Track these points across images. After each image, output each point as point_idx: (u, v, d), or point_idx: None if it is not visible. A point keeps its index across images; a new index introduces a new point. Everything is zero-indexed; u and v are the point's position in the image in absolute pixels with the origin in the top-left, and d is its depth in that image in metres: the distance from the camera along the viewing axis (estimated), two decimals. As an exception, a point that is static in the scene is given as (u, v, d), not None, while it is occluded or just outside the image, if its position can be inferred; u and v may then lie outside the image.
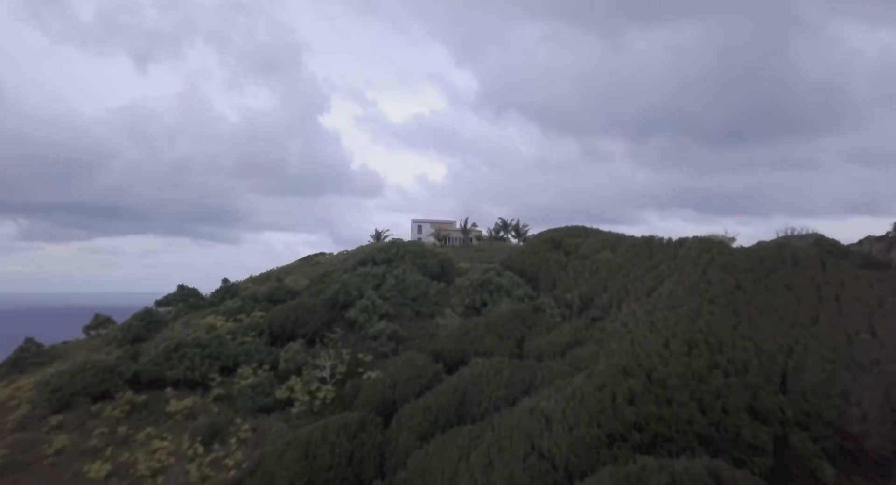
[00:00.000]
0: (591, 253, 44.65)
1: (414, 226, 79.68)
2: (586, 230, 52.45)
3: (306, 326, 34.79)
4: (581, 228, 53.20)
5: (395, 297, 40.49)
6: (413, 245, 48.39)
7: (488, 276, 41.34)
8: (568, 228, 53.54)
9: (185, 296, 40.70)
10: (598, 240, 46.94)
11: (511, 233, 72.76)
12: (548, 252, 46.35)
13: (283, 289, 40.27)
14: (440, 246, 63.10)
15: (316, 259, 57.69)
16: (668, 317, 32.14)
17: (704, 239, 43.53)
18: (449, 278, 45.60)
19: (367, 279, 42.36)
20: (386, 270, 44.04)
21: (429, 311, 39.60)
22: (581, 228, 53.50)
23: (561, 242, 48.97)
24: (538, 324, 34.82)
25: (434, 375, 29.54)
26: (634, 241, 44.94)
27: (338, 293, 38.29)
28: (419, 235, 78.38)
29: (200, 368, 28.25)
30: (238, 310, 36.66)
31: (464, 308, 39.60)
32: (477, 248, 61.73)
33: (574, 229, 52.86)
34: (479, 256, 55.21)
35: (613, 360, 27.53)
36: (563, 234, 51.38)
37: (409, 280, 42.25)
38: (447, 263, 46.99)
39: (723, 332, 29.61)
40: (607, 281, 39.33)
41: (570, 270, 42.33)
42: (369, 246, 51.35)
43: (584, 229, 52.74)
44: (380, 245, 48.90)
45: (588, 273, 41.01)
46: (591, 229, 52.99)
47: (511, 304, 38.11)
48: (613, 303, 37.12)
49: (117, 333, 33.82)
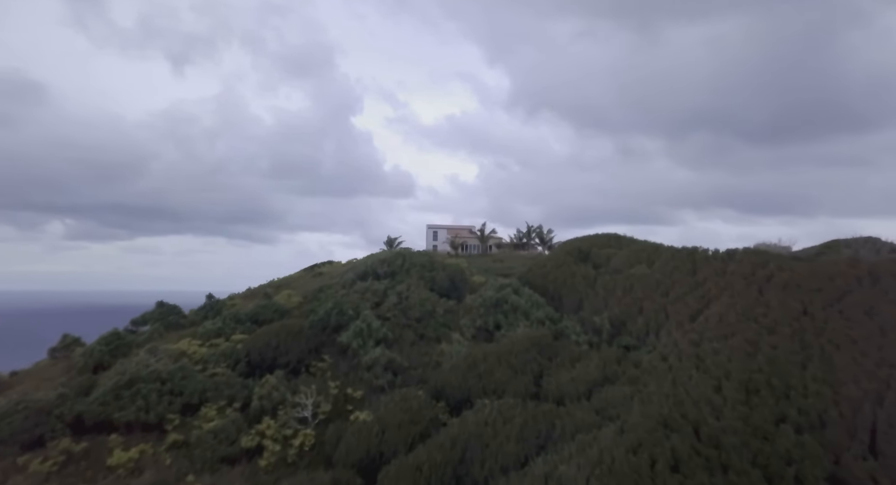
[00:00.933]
0: (624, 267, 39.58)
1: (429, 232, 75.43)
2: (618, 239, 47.32)
3: (290, 353, 30.78)
4: (612, 236, 48.10)
5: (397, 317, 36.23)
6: (420, 256, 44.08)
7: (503, 293, 36.72)
8: (598, 237, 48.49)
9: (164, 314, 37.26)
10: (633, 251, 41.80)
11: (535, 240, 67.88)
12: (574, 265, 41.46)
13: (270, 307, 36.43)
14: (455, 255, 58.71)
15: (319, 269, 53.91)
16: (718, 350, 27.03)
17: (758, 251, 38.05)
18: (460, 294, 41.14)
19: (365, 297, 38.21)
20: (388, 286, 39.83)
21: (434, 334, 35.20)
22: (612, 235, 48.39)
23: (589, 252, 44.02)
24: (560, 354, 30.06)
25: (432, 419, 25.17)
26: (674, 252, 39.71)
27: (330, 314, 34.23)
28: (435, 242, 74.11)
29: (157, 407, 24.47)
30: (216, 332, 32.94)
31: (475, 331, 35.06)
32: (496, 257, 57.13)
33: (604, 238, 47.79)
34: (497, 268, 50.58)
35: (651, 408, 22.64)
36: (592, 243, 46.37)
37: (414, 297, 37.93)
38: (458, 276, 42.52)
39: (790, 372, 24.37)
40: (643, 301, 34.27)
41: (600, 287, 37.35)
42: (372, 257, 47.27)
43: (615, 238, 47.62)
44: (384, 256, 44.76)
45: (620, 291, 35.99)
46: (623, 238, 47.84)
47: (529, 328, 33.43)
48: (650, 328, 32.09)
49: (79, 360, 30.45)
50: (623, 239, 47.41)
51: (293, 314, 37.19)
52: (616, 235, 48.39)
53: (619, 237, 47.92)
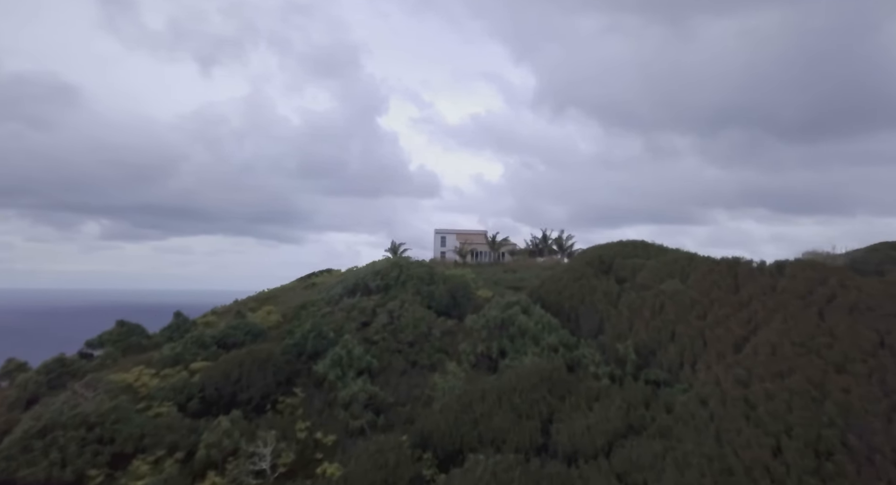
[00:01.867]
0: (653, 281, 34.54)
1: (437, 237, 70.96)
2: (646, 246, 42.18)
3: (254, 386, 26.61)
4: (639, 244, 42.97)
5: (387, 340, 31.85)
6: (419, 267, 39.64)
7: (510, 313, 32.05)
8: (622, 244, 43.41)
9: (123, 335, 33.46)
10: (663, 262, 36.69)
11: (553, 246, 62.87)
12: (594, 278, 36.53)
13: (241, 328, 32.35)
14: (462, 264, 54.21)
15: (313, 280, 49.80)
16: (772, 393, 22.03)
17: (813, 264, 32.68)
18: (462, 312, 36.59)
19: (351, 316, 33.91)
20: (379, 302, 35.46)
21: (428, 361, 30.74)
22: (639, 243, 43.26)
23: (612, 263, 39.02)
24: (575, 391, 25.30)
25: (413, 479, 20.64)
26: (713, 265, 34.54)
27: (306, 337, 30.00)
28: (443, 249, 69.61)
29: (77, 460, 20.51)
30: (174, 359, 28.94)
31: (475, 358, 30.47)
32: (507, 266, 52.44)
33: (630, 245, 42.69)
34: (508, 280, 45.88)
35: (689, 477, 17.78)
36: (616, 251, 41.33)
37: (408, 317, 33.51)
38: (461, 291, 37.95)
39: (871, 426, 19.27)
40: (676, 325, 29.27)
41: (624, 306, 32.41)
42: (364, 268, 42.98)
43: (642, 245, 42.49)
44: (378, 267, 40.41)
45: (648, 312, 31.01)
46: (652, 245, 42.68)
47: (539, 356, 28.76)
48: (685, 359, 27.10)
49: (10, 393, 26.73)
50: (651, 247, 42.26)
51: (269, 336, 33.05)
52: (643, 243, 43.25)
53: (647, 245, 42.77)
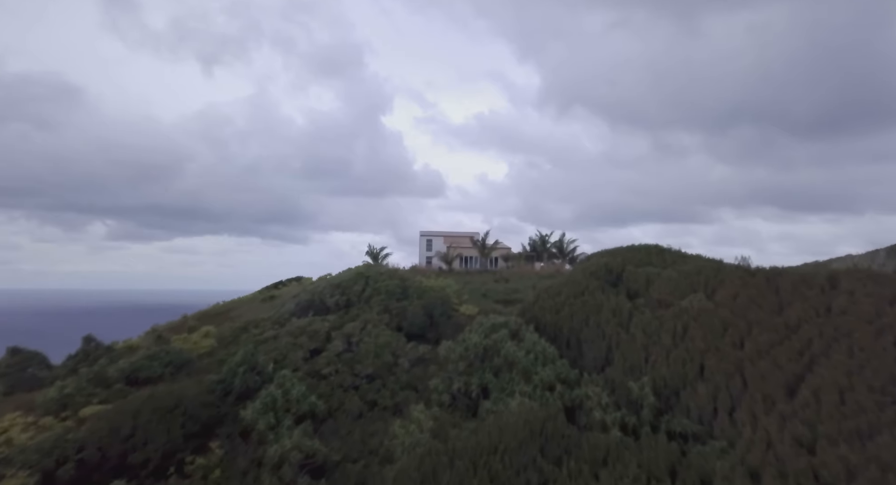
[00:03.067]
0: (673, 296, 28.58)
1: (422, 240, 64.95)
2: (661, 252, 36.22)
3: (153, 442, 20.72)
4: (653, 249, 37.02)
5: (340, 374, 25.96)
6: (389, 279, 33.65)
7: (496, 339, 26.13)
8: (632, 250, 37.47)
9: (14, 366, 27.53)
10: (683, 272, 30.72)
11: (551, 250, 56.80)
12: (599, 292, 30.58)
13: (161, 359, 26.45)
14: (447, 271, 48.28)
15: (272, 292, 43.82)
16: (853, 465, 16.12)
17: (876, 275, 26.71)
18: (440, 333, 30.70)
19: (298, 342, 28.01)
20: (336, 324, 29.55)
21: (391, 401, 24.86)
22: (653, 248, 37.31)
23: (622, 272, 33.06)
24: (576, 451, 19.32)
25: None
26: (746, 275, 28.60)
27: (234, 372, 24.07)
28: (429, 254, 63.63)
29: None
30: (62, 403, 23.07)
31: (449, 398, 24.54)
32: (499, 274, 46.48)
33: (642, 251, 36.73)
34: (498, 291, 39.92)
35: None
36: (626, 258, 35.38)
37: (369, 343, 27.60)
38: (439, 307, 32.02)
39: None
40: (705, 355, 23.32)
41: (638, 329, 26.45)
42: (322, 281, 37.02)
43: (657, 251, 36.52)
44: (339, 279, 34.45)
45: (669, 337, 25.05)
46: (668, 251, 36.74)
47: (530, 396, 22.81)
48: (719, 403, 21.14)
49: None
50: (667, 253, 36.27)
51: (196, 367, 27.14)
52: (657, 248, 37.26)
53: (662, 250, 36.79)
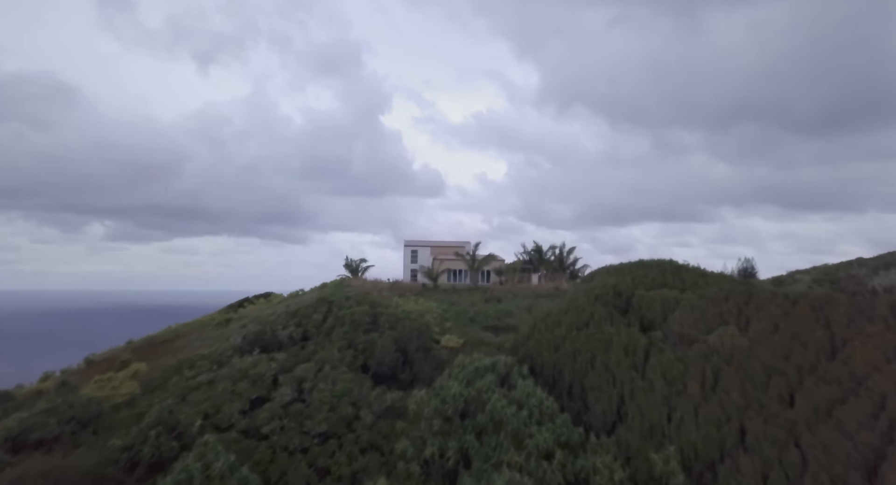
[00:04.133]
0: (696, 329, 23.70)
1: (407, 251, 59.91)
2: (677, 271, 31.30)
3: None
4: (667, 267, 32.11)
5: (286, 433, 20.99)
6: (356, 305, 28.63)
7: (481, 387, 21.19)
8: (643, 267, 32.59)
9: None
10: (707, 298, 25.81)
11: (549, 260, 51.75)
12: (607, 323, 25.68)
13: (59, 414, 21.37)
14: (431, 287, 43.30)
15: (228, 315, 38.70)
16: None
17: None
18: (413, 373, 25.77)
19: (237, 389, 23.00)
20: (286, 364, 24.60)
21: (348, 469, 19.93)
22: (667, 265, 32.40)
23: (632, 297, 28.17)
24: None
25: None
26: (785, 304, 23.69)
27: (146, 435, 19.05)
28: (413, 266, 58.61)
29: None
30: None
31: (420, 467, 19.57)
32: (491, 292, 41.48)
33: (655, 269, 31.83)
34: (488, 314, 34.93)
35: None
36: (637, 278, 30.49)
37: (325, 390, 22.69)
38: (415, 340, 27.08)
39: None
40: (745, 413, 18.44)
41: (656, 372, 21.56)
42: (283, 304, 31.99)
43: (672, 269, 31.61)
44: (299, 303, 29.40)
45: (696, 386, 20.17)
46: (686, 269, 31.83)
47: (521, 471, 17.88)
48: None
49: None
50: (685, 270, 31.34)
51: (107, 423, 22.11)
52: (673, 265, 32.33)
53: (679, 268, 31.86)
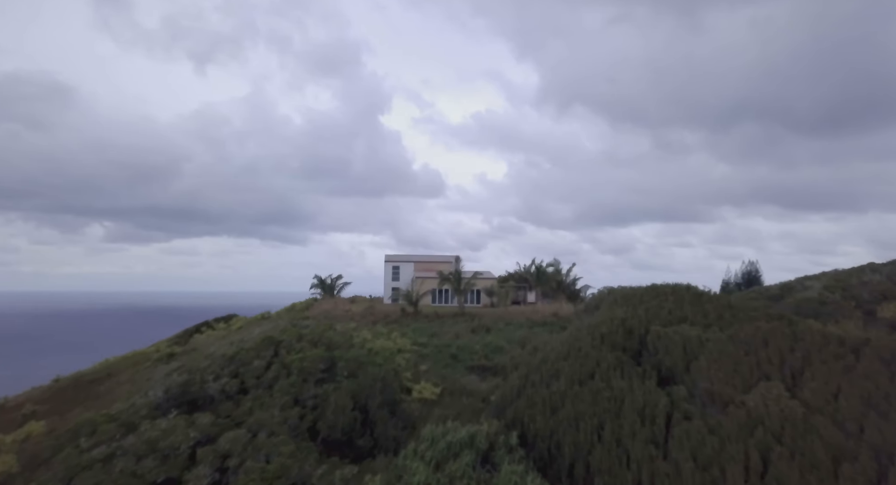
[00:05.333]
0: (732, 385, 18.89)
1: (388, 267, 54.89)
2: (698, 299, 26.42)
3: None
4: (686, 293, 27.28)
5: (195, 533, 16.04)
6: (309, 350, 23.74)
7: (454, 471, 16.34)
8: (657, 293, 27.77)
9: None
10: (740, 341, 20.97)
11: (545, 277, 46.92)
12: (614, 373, 20.86)
13: None
14: (410, 313, 38.48)
15: (171, 349, 33.79)
16: None
17: None
18: (375, 439, 20.90)
19: (141, 468, 18.13)
20: (210, 431, 19.72)
21: None
22: (686, 291, 27.57)
23: (646, 335, 23.31)
24: None
25: None
26: (838, 348, 18.92)
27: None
28: (395, 284, 53.68)
29: None
30: None
31: None
32: (478, 322, 36.50)
33: (671, 296, 26.99)
34: (474, 350, 30.08)
35: None
36: (650, 310, 25.67)
37: (254, 470, 17.82)
38: (378, 393, 22.18)
39: None
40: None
41: (683, 450, 16.71)
42: (229, 339, 27.16)
43: (692, 297, 26.74)
44: (238, 348, 24.48)
45: (739, 474, 15.29)
46: (707, 296, 26.97)
47: None
48: None
49: None
50: (707, 299, 26.40)
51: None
52: (693, 292, 27.42)
53: (700, 296, 26.92)
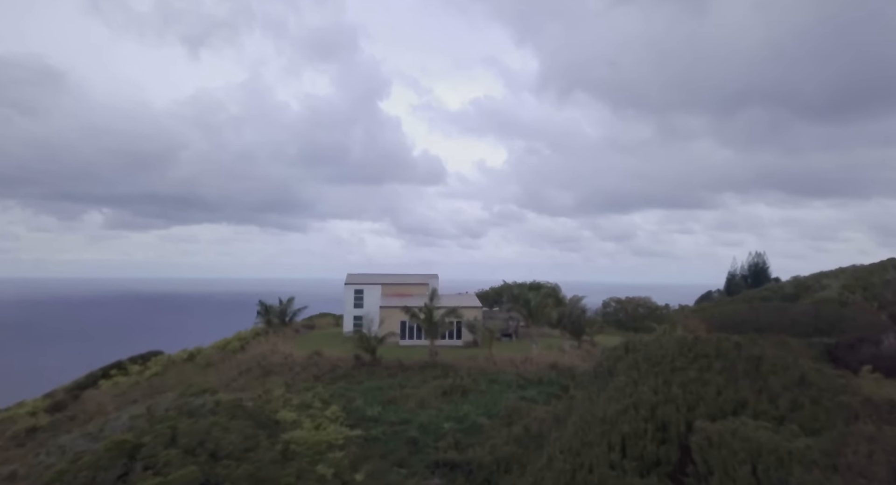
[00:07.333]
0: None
1: (348, 291, 46.98)
2: (756, 367, 18.58)
3: None
4: (733, 351, 19.50)
5: None
6: (178, 464, 15.99)
7: None
8: (692, 349, 19.99)
9: None
10: (849, 461, 13.13)
11: (543, 311, 39.03)
12: None
13: None
14: (367, 363, 30.67)
15: (38, 419, 25.96)
16: None
17: None
18: None
19: None
20: None
21: None
22: (733, 349, 19.77)
23: (685, 437, 15.51)
24: None
25: None
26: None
27: None
28: (358, 311, 45.86)
29: None
30: None
31: None
32: (454, 381, 28.39)
33: (715, 356, 19.23)
34: (442, 430, 22.31)
35: None
36: (688, 385, 17.93)
37: None
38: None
39: None
40: None
41: None
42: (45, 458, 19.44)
43: (746, 360, 18.94)
44: (73, 459, 16.70)
45: None
46: (767, 361, 19.12)
47: None
48: None
49: None
50: (771, 368, 18.66)
51: None
52: (745, 352, 19.71)
53: (758, 361, 19.18)
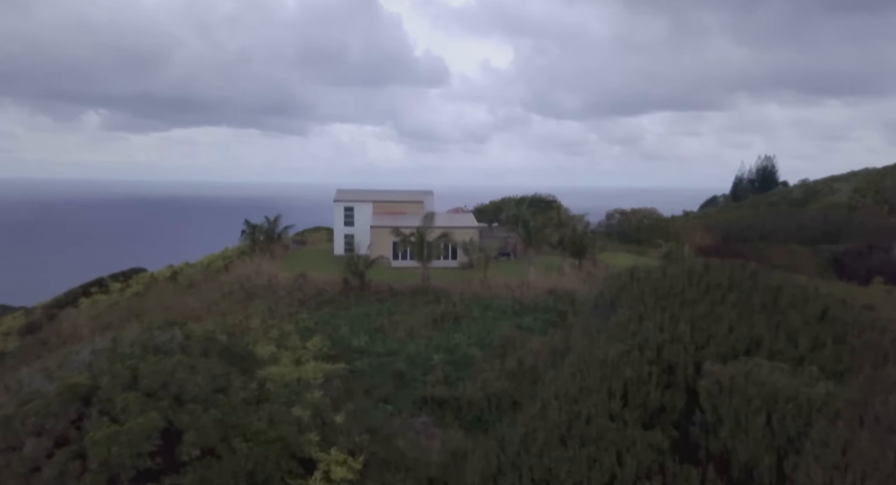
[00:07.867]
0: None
1: (338, 208, 44.84)
2: (774, 300, 17.00)
3: None
4: (748, 280, 17.91)
5: None
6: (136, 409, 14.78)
7: None
8: (704, 278, 18.39)
9: None
10: (870, 401, 11.67)
11: (543, 240, 36.74)
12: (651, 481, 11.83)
13: None
14: (355, 287, 29.24)
15: (8, 344, 24.94)
16: None
17: None
18: None
19: None
20: None
21: None
22: (748, 278, 18.16)
23: (694, 381, 14.17)
24: None
25: None
26: None
27: None
28: (348, 229, 44.11)
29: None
30: None
31: None
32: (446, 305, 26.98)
33: (728, 287, 17.63)
34: (431, 362, 21.21)
35: None
36: (696, 321, 16.45)
37: None
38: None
39: None
40: None
41: None
42: None
43: (764, 292, 17.35)
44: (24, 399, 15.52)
45: None
46: (787, 289, 17.55)
47: None
48: None
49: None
50: (791, 302, 17.11)
51: None
52: (762, 282, 18.07)
53: (777, 292, 17.59)
